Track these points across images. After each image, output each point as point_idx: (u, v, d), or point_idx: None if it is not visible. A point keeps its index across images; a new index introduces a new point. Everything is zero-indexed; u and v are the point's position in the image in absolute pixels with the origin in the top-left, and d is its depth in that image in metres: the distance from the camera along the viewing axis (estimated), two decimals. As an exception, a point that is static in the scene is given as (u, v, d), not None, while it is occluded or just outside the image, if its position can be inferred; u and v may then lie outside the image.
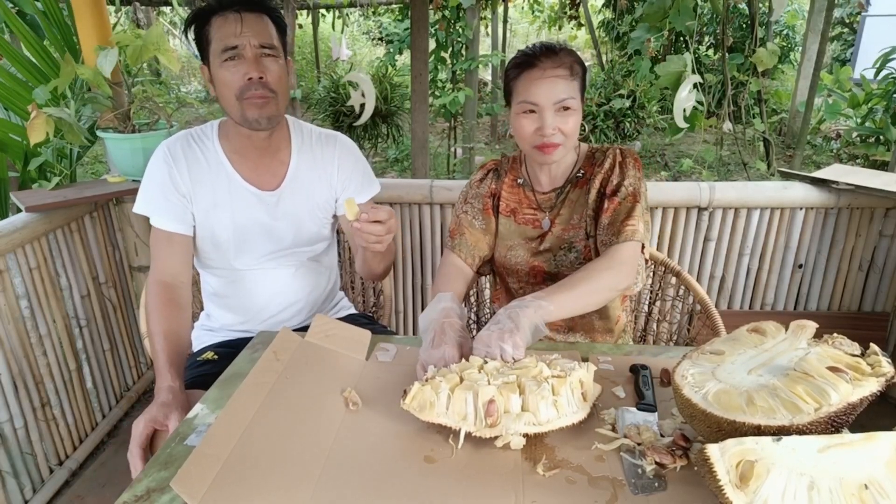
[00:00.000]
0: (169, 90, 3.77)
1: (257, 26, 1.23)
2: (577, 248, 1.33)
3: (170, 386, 1.16)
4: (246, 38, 1.21)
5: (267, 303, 1.44)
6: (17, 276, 1.73)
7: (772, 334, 0.92)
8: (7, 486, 1.69)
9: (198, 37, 1.27)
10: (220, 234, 1.35)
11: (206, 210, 1.34)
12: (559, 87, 1.21)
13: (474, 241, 1.40)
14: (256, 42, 1.22)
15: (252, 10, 1.23)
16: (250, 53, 1.22)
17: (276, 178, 1.38)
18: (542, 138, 1.23)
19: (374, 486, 0.82)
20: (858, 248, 2.20)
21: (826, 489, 0.67)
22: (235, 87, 1.23)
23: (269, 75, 1.24)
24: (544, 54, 1.23)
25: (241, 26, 1.21)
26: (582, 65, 1.27)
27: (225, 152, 1.35)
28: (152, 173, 1.34)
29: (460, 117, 5.46)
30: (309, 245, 1.44)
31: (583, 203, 1.33)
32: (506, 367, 0.98)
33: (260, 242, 1.38)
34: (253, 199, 1.36)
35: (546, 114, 1.21)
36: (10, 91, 2.31)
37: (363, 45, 11.14)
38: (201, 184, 1.33)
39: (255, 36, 1.22)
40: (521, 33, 12.29)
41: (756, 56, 2.65)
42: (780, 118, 6.81)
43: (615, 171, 1.30)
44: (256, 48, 1.22)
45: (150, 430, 1.08)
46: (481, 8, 6.14)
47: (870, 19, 9.57)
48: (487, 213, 1.41)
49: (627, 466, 0.85)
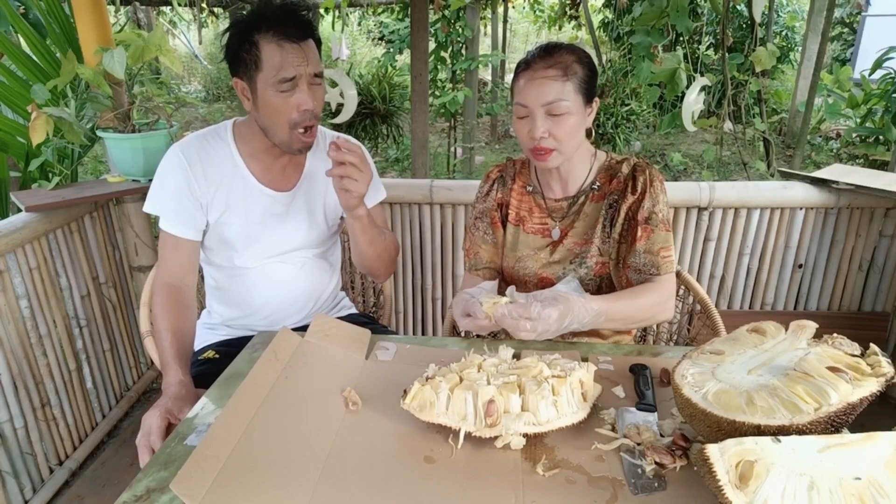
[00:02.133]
0: (169, 90, 3.77)
1: (311, 55, 1.23)
2: (588, 263, 1.31)
3: (181, 380, 1.17)
4: (303, 67, 1.21)
5: (269, 299, 1.44)
6: (17, 276, 1.73)
7: (772, 334, 0.92)
8: (7, 486, 1.69)
9: (237, 48, 1.22)
10: (230, 233, 1.36)
11: (221, 212, 1.34)
12: (548, 88, 1.16)
13: (489, 256, 1.40)
14: (311, 72, 1.22)
15: (305, 37, 1.22)
16: (305, 85, 1.22)
17: (290, 179, 1.39)
18: (533, 141, 1.20)
19: (374, 485, 0.82)
20: (858, 248, 2.20)
21: (826, 489, 0.67)
22: (289, 116, 1.23)
23: (318, 104, 1.26)
24: (540, 55, 1.20)
25: (299, 55, 1.20)
26: (586, 64, 1.20)
27: (241, 154, 1.35)
28: (167, 177, 1.32)
29: (460, 117, 5.46)
30: (317, 246, 1.46)
31: (597, 218, 1.30)
32: (506, 366, 0.98)
33: (269, 242, 1.39)
34: (267, 200, 1.37)
35: (536, 116, 1.18)
36: (11, 90, 2.31)
37: (363, 45, 11.13)
38: (217, 186, 1.33)
39: (311, 66, 1.22)
40: (521, 33, 12.28)
41: (756, 56, 2.65)
42: (780, 118, 6.81)
43: (647, 195, 1.26)
44: (311, 77, 1.22)
45: (167, 423, 1.08)
46: (481, 8, 6.14)
47: (870, 19, 9.57)
48: (496, 226, 1.39)
49: (627, 466, 0.85)
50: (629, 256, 1.27)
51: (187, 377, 1.19)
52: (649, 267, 1.25)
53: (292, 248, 1.41)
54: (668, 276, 1.26)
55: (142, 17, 7.57)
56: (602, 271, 1.32)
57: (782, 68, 8.22)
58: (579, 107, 1.20)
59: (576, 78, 1.18)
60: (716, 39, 5.33)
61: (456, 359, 1.03)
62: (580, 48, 1.23)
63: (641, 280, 1.27)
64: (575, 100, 1.18)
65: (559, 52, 1.19)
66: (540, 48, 1.22)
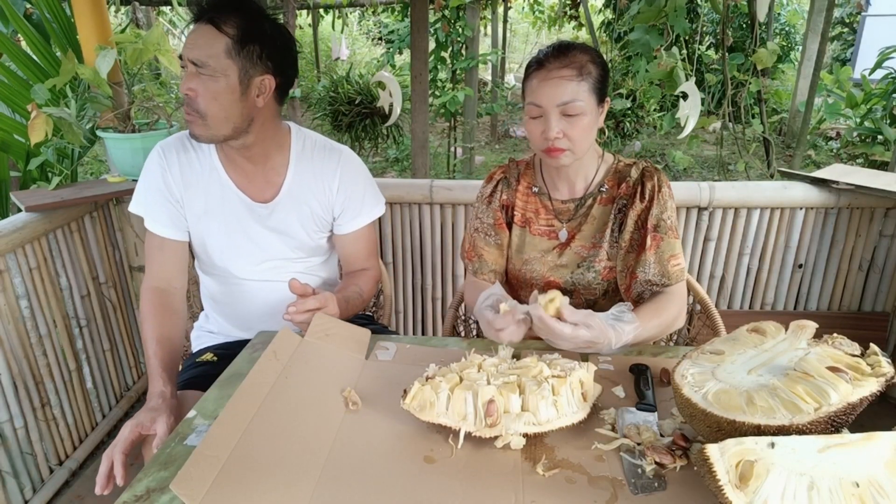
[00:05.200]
0: (169, 90, 3.77)
1: (203, 39, 1.14)
2: (595, 268, 1.30)
3: (161, 391, 1.15)
4: (188, 49, 1.15)
5: (263, 313, 1.40)
6: (17, 276, 1.73)
7: (772, 334, 0.92)
8: (7, 486, 1.69)
9: None
10: (210, 240, 1.33)
11: (198, 216, 1.32)
12: (563, 88, 1.15)
13: (493, 259, 1.38)
14: (190, 56, 1.15)
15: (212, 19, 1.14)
16: (189, 68, 1.15)
17: (271, 188, 1.33)
18: (547, 142, 1.18)
19: (374, 485, 0.82)
20: (858, 248, 2.20)
21: (826, 489, 0.67)
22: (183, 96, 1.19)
23: (198, 95, 1.16)
24: (553, 54, 1.18)
25: (192, 36, 1.15)
26: (599, 64, 1.19)
27: (220, 158, 1.32)
28: (147, 175, 1.31)
29: (460, 117, 5.46)
30: (304, 257, 1.41)
31: (606, 222, 1.29)
32: (506, 366, 0.98)
33: (251, 252, 1.35)
34: (244, 209, 1.32)
35: (550, 116, 1.17)
36: (11, 90, 2.31)
37: (363, 45, 11.13)
38: (193, 188, 1.30)
39: (194, 50, 1.14)
40: (521, 33, 12.28)
41: (756, 55, 2.65)
42: (781, 118, 6.81)
43: (655, 202, 1.24)
44: (188, 62, 1.15)
45: (136, 436, 1.07)
46: (481, 8, 6.14)
47: (870, 19, 9.58)
48: (500, 227, 1.37)
49: (627, 466, 0.85)
50: (637, 266, 1.25)
51: (168, 388, 1.17)
52: (660, 277, 1.24)
53: (278, 259, 1.37)
54: (681, 286, 1.26)
55: (141, 18, 7.57)
56: (610, 276, 1.31)
57: (782, 68, 8.23)
58: (593, 107, 1.19)
59: (590, 78, 1.17)
60: (716, 39, 5.34)
61: (456, 359, 1.03)
62: (593, 48, 1.22)
63: (652, 291, 1.25)
64: (589, 100, 1.17)
65: (573, 51, 1.18)
66: (553, 47, 1.20)
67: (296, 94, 5.37)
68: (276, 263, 1.38)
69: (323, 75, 7.03)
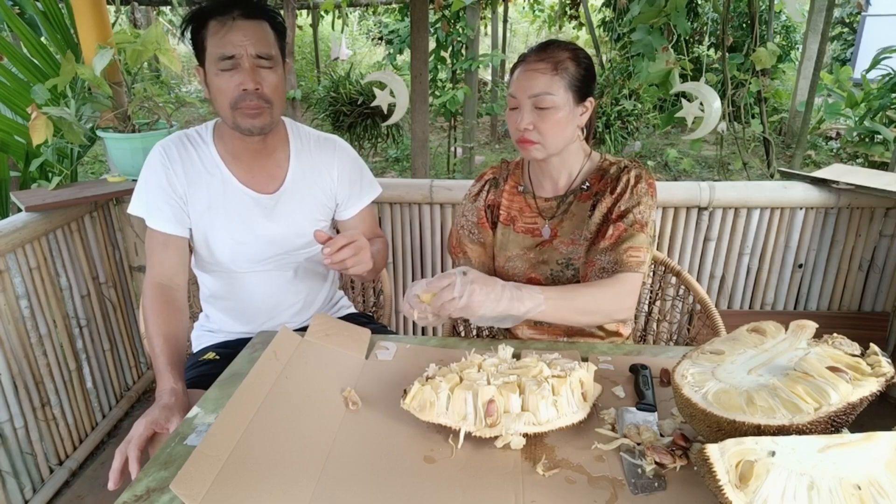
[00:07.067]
0: (169, 90, 3.77)
1: (255, 34, 1.20)
2: (574, 265, 1.29)
3: (172, 388, 1.15)
4: (243, 47, 1.19)
5: (265, 306, 1.42)
6: (17, 276, 1.73)
7: (772, 334, 0.92)
8: (7, 486, 1.69)
9: (194, 38, 1.24)
10: (214, 236, 1.34)
11: (201, 213, 1.32)
12: (536, 80, 1.17)
13: (476, 255, 1.39)
14: (253, 52, 1.19)
15: (250, 16, 1.20)
16: (247, 64, 1.20)
17: (273, 181, 1.36)
18: (519, 132, 1.21)
19: (374, 486, 0.82)
20: (858, 247, 2.20)
21: (826, 489, 0.67)
22: (230, 96, 1.21)
23: (265, 86, 1.22)
24: (535, 50, 1.22)
25: (239, 34, 1.18)
26: (580, 62, 1.20)
27: (220, 154, 1.33)
28: (148, 174, 1.32)
29: (460, 117, 5.46)
30: (307, 248, 1.42)
31: (583, 218, 1.28)
32: (506, 366, 0.98)
33: (256, 246, 1.36)
34: (249, 202, 1.34)
35: (523, 108, 1.19)
36: (11, 91, 2.31)
37: (363, 45, 11.13)
38: (196, 186, 1.31)
39: (253, 45, 1.19)
40: (521, 33, 12.28)
41: (756, 55, 2.65)
42: (781, 118, 6.81)
43: (626, 195, 1.22)
44: (253, 58, 1.20)
45: (151, 433, 1.07)
46: (481, 8, 6.14)
47: (870, 19, 9.58)
48: (483, 226, 1.38)
49: (627, 466, 0.85)
50: (593, 253, 1.23)
51: (179, 384, 1.16)
52: (612, 264, 1.20)
53: (282, 251, 1.38)
54: (631, 275, 1.19)
55: (140, 18, 7.57)
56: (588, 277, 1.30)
57: (782, 68, 8.23)
58: (568, 103, 1.19)
59: (566, 73, 1.18)
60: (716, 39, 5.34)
61: (456, 359, 1.03)
62: (579, 48, 1.23)
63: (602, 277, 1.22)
64: (564, 96, 1.18)
65: (553, 47, 1.20)
66: (539, 44, 1.24)
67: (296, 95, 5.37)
68: (279, 255, 1.39)
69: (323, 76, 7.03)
